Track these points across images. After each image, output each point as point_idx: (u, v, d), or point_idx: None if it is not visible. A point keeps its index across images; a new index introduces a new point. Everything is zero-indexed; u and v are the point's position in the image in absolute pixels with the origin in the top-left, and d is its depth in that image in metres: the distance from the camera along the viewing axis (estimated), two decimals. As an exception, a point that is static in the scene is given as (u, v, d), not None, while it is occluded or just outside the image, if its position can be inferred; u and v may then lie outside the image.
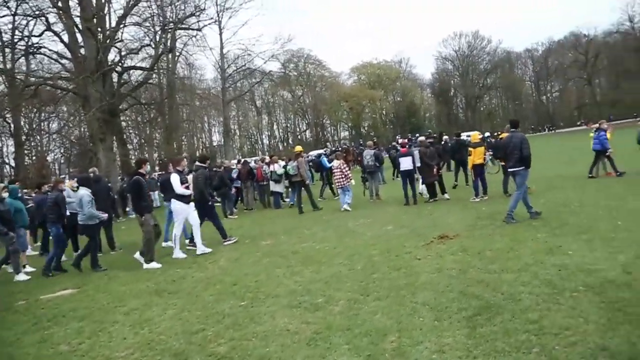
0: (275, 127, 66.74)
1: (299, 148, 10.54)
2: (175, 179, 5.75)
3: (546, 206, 6.73)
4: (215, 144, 50.47)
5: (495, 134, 18.75)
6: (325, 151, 20.12)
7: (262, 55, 30.43)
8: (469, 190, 9.32)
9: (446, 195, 9.15)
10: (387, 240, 5.91)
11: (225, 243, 6.62)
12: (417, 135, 22.44)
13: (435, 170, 8.90)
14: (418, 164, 8.82)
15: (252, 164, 12.30)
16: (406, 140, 11.11)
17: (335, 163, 9.52)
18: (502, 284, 3.75)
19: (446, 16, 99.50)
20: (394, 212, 8.25)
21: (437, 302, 3.53)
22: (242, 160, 12.93)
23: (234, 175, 11.26)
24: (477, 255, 4.71)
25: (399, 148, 10.84)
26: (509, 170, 6.47)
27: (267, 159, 11.98)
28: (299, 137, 65.77)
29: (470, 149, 8.68)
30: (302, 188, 9.61)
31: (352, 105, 61.83)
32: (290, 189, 10.63)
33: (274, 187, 11.05)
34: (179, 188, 5.73)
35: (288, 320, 3.46)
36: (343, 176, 9.28)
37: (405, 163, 8.96)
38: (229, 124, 44.27)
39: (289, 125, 66.14)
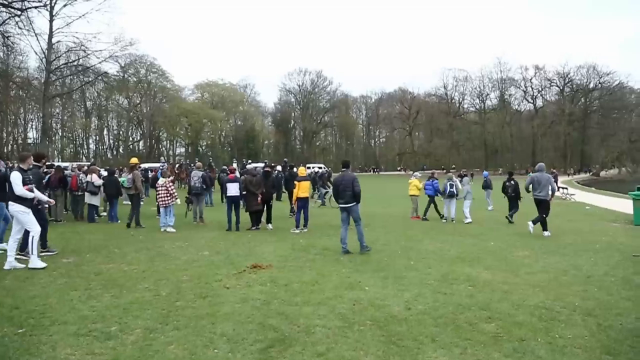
0: (105, 132, 58.40)
1: (134, 160, 10.26)
2: (16, 177, 5.36)
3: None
4: (30, 142, 43.17)
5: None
6: (161, 166, 19.65)
7: (99, 54, 26.35)
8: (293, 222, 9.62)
9: (269, 226, 9.30)
10: (200, 266, 5.85)
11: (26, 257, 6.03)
12: (249, 161, 23.25)
13: (259, 199, 9.02)
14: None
15: (68, 171, 11.61)
16: (234, 166, 11.37)
17: (161, 181, 9.21)
18: (300, 316, 3.90)
19: (293, 50, 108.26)
20: (214, 237, 8.26)
21: (236, 333, 3.54)
22: (55, 165, 11.83)
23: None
24: (284, 287, 4.86)
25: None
26: (343, 206, 6.79)
27: (86, 166, 11.57)
28: (131, 147, 59.28)
29: (296, 182, 8.99)
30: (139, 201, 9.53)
31: (191, 122, 60.47)
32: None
33: (90, 199, 10.44)
34: (20, 189, 5.38)
35: (71, 351, 3.17)
36: (168, 195, 9.05)
37: (232, 189, 9.07)
38: (49, 122, 38.76)
39: (121, 132, 59.78)
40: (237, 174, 10.50)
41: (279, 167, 14.97)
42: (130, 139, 60.51)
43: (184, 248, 7.03)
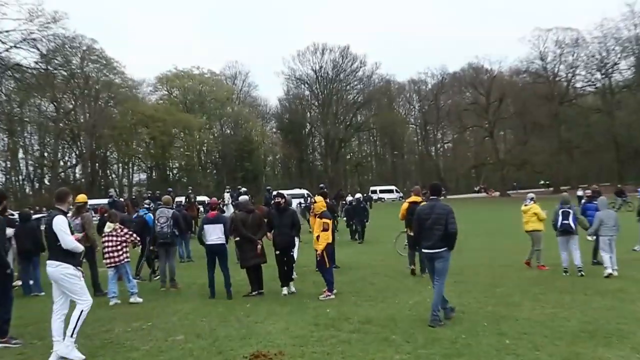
0: (21, 155, 57.53)
1: (82, 197, 10.96)
2: (63, 222, 6.45)
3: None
4: None
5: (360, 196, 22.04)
6: (110, 200, 21.59)
7: (6, 36, 24.58)
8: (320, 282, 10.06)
9: (285, 290, 9.93)
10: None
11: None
12: (240, 188, 25.15)
13: (259, 247, 9.71)
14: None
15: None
16: (215, 199, 12.03)
17: (108, 227, 10.01)
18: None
19: (308, 24, 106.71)
20: (193, 310, 8.60)
21: None
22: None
23: None
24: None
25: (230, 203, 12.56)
26: (427, 251, 7.45)
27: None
28: (62, 175, 58.13)
29: (311, 217, 10.24)
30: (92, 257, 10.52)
31: (155, 133, 59.88)
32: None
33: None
34: (71, 240, 6.41)
35: None
36: (119, 247, 9.69)
37: (213, 233, 9.85)
38: None
39: (46, 154, 58.71)
40: (230, 207, 11.63)
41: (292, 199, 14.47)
42: (61, 163, 59.51)
43: (146, 331, 7.27)
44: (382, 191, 67.97)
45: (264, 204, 26.04)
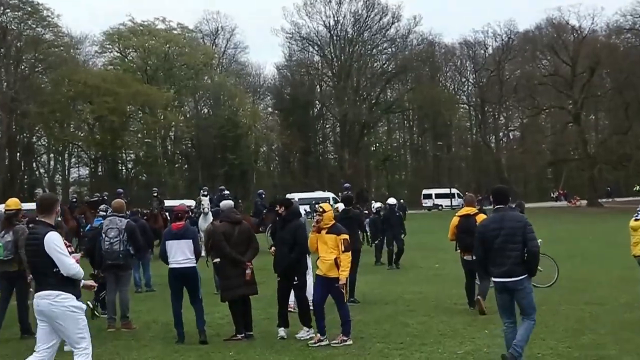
0: None
1: (13, 203, 11.19)
2: (58, 240, 6.75)
3: None
4: None
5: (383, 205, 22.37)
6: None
7: None
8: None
9: (281, 332, 10.13)
10: None
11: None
12: (223, 190, 26.31)
13: (248, 272, 9.95)
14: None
15: None
16: (184, 205, 12.35)
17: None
18: None
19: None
20: None
21: None
22: None
23: None
24: None
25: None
26: (500, 280, 7.68)
27: None
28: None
29: (311, 234, 10.05)
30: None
31: (102, 112, 60.79)
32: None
33: None
34: (71, 263, 6.73)
35: None
36: None
37: (178, 252, 10.06)
38: None
39: None
40: (209, 217, 12.70)
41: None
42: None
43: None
44: (438, 196, 68.17)
45: (252, 214, 26.25)
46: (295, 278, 10.12)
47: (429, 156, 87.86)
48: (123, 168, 70.49)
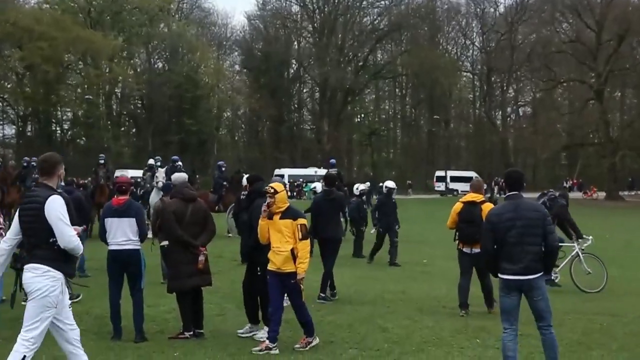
0: None
1: None
2: (61, 206, 6.95)
3: None
4: None
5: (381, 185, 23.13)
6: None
7: None
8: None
9: (261, 334, 10.05)
10: None
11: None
12: (176, 161, 26.21)
13: (201, 259, 10.02)
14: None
15: None
16: (126, 177, 12.26)
17: None
18: None
19: None
20: None
21: None
22: None
23: None
24: None
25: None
26: (515, 278, 7.71)
27: None
28: None
29: (262, 219, 9.99)
30: None
31: (33, 59, 59.89)
32: None
33: None
34: (71, 233, 6.93)
35: None
36: None
37: (119, 232, 10.14)
38: None
39: None
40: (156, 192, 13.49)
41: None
42: None
43: None
44: (454, 179, 68.41)
45: (212, 189, 26.20)
46: (259, 269, 10.09)
47: (423, 132, 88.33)
48: (58, 129, 70.00)
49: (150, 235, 12.49)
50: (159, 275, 13.33)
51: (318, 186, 22.57)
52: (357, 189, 23.12)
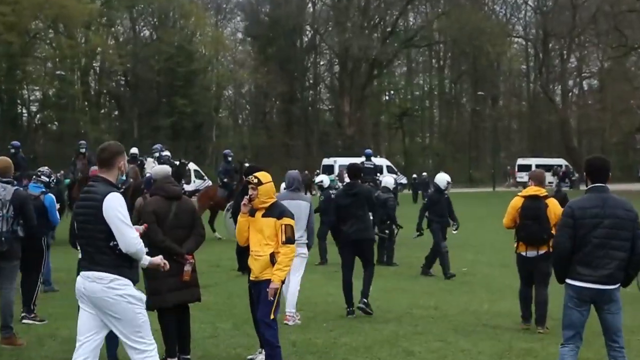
0: None
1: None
2: (121, 204, 7.08)
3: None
4: None
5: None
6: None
7: None
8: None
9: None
10: None
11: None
12: (162, 149, 26.51)
13: (186, 269, 10.02)
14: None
15: None
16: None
17: None
18: None
19: None
20: None
21: None
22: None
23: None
24: None
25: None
26: (594, 287, 7.70)
27: None
28: None
29: (241, 216, 10.06)
30: None
31: None
32: None
33: None
34: (133, 235, 7.14)
35: None
36: None
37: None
38: None
39: None
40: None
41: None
42: None
43: None
44: (542, 168, 68.05)
45: (220, 183, 26.17)
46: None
47: (465, 112, 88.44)
48: (24, 111, 70.45)
49: None
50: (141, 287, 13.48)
51: (325, 180, 22.50)
52: (385, 182, 22.95)
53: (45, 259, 13.23)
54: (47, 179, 14.03)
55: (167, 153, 26.12)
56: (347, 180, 15.65)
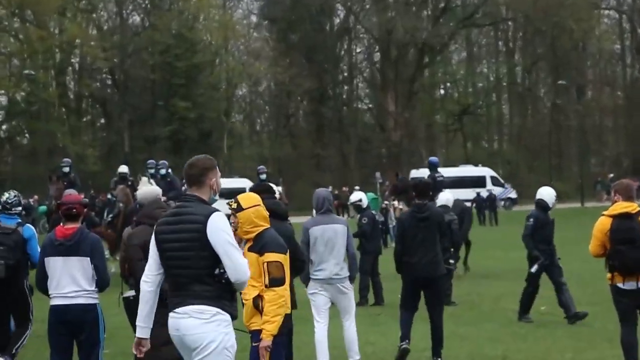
0: None
1: None
2: (227, 227, 7.44)
3: None
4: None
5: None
6: None
7: None
8: None
9: None
10: None
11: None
12: (157, 166, 27.41)
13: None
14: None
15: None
16: (75, 194, 13.36)
17: None
18: None
19: None
20: None
21: None
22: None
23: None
24: None
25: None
26: None
27: None
28: None
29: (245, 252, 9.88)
30: None
31: None
32: None
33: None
34: (244, 266, 7.52)
35: None
36: None
37: (65, 279, 10.60)
38: None
39: None
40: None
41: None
42: None
43: None
44: None
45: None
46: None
47: (543, 107, 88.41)
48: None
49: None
50: (126, 341, 13.51)
51: (364, 199, 22.45)
52: (440, 198, 22.86)
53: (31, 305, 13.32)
54: (19, 207, 14.21)
55: (163, 170, 26.29)
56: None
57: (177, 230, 7.15)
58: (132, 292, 10.52)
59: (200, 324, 7.03)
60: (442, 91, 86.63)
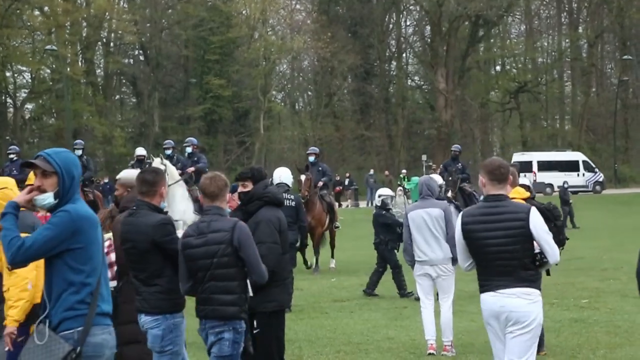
0: None
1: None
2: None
3: None
4: None
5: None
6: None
7: None
8: None
9: None
10: None
11: None
12: (187, 144, 27.57)
13: None
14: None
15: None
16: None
17: None
18: None
19: None
20: None
21: None
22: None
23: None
24: None
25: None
26: None
27: None
28: None
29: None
30: None
31: None
32: None
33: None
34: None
35: None
36: None
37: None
38: None
39: None
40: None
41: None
42: None
43: None
44: None
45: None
46: (255, 322, 10.33)
47: (610, 85, 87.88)
48: (8, 100, 71.46)
49: (113, 283, 12.67)
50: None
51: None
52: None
53: None
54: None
55: (189, 148, 26.38)
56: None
57: (496, 228, 8.27)
58: (112, 283, 10.10)
59: (526, 304, 8.20)
60: (497, 68, 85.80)
